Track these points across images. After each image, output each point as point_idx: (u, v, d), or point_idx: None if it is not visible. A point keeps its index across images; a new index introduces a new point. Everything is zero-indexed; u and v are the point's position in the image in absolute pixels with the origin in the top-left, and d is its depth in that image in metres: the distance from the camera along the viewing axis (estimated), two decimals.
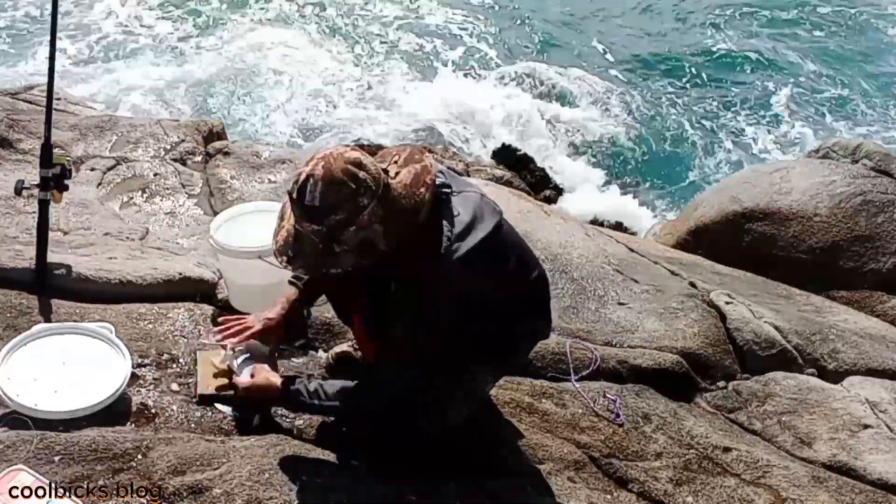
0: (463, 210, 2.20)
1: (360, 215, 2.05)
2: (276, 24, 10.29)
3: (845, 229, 4.60)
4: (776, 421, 3.18)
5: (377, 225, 2.07)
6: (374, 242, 2.07)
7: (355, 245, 2.07)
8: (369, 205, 2.05)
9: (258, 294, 2.93)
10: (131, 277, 3.02)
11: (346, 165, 2.04)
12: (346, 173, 2.04)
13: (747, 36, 10.97)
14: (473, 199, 2.25)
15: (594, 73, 9.92)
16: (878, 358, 3.62)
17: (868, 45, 11.00)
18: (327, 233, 2.06)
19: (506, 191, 4.93)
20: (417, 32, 10.42)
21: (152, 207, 3.86)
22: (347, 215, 2.04)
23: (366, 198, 2.05)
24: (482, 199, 2.28)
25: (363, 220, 2.05)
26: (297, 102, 8.89)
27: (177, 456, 2.25)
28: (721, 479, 2.77)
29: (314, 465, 2.34)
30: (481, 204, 2.25)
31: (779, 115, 9.55)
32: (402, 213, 2.09)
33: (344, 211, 2.04)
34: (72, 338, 2.59)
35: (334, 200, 2.03)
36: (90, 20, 9.87)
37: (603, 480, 2.65)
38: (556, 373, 3.05)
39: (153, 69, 9.11)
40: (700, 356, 3.33)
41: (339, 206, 2.03)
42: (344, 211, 2.04)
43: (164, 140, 4.39)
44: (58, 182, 2.86)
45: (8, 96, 4.75)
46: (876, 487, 2.96)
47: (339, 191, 2.03)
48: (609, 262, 3.85)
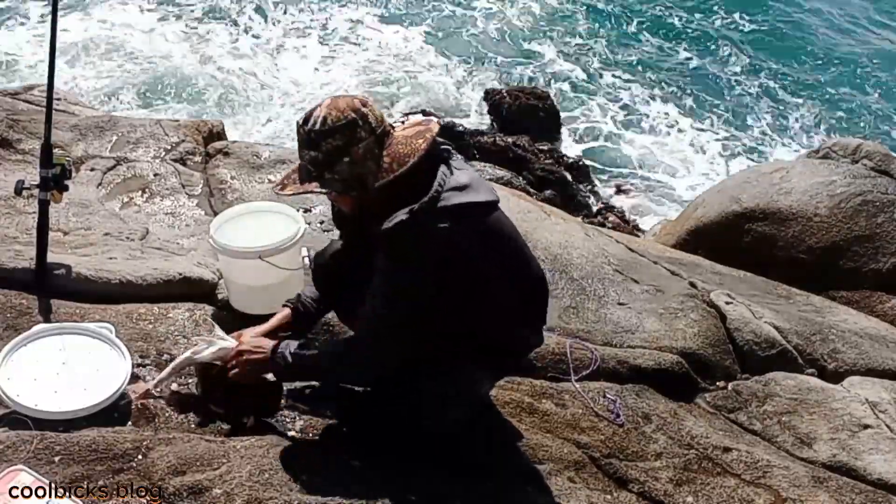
0: (461, 174, 2.23)
1: (355, 146, 2.13)
2: (276, 24, 10.30)
3: (845, 229, 4.60)
4: (776, 421, 3.18)
5: (370, 162, 2.14)
6: (365, 179, 2.15)
7: (346, 176, 2.15)
8: (366, 139, 2.13)
9: (258, 294, 2.94)
10: (131, 278, 3.02)
11: (352, 101, 2.17)
12: (351, 107, 2.15)
13: (748, 36, 10.98)
14: (474, 174, 2.28)
15: (594, 74, 9.93)
16: (878, 358, 3.62)
17: (868, 46, 11.01)
18: (322, 159, 2.15)
19: (506, 191, 4.93)
20: (417, 33, 10.43)
21: (152, 208, 3.86)
22: (344, 143, 2.12)
23: (364, 131, 2.13)
24: (483, 178, 2.32)
25: (358, 152, 2.13)
26: (297, 102, 8.90)
27: (177, 456, 2.25)
28: (721, 480, 2.77)
29: (314, 465, 2.34)
30: (482, 181, 2.29)
31: (779, 116, 9.56)
32: (396, 157, 2.15)
33: (341, 138, 2.12)
34: (72, 338, 2.59)
35: (333, 126, 2.12)
36: (90, 19, 9.88)
37: (603, 480, 2.65)
38: (556, 373, 3.05)
39: (154, 69, 9.12)
40: (700, 356, 3.33)
41: (337, 132, 2.12)
42: (341, 138, 2.12)
43: (164, 140, 4.38)
44: (58, 182, 2.85)
45: (8, 96, 4.75)
46: (876, 487, 2.95)
47: (339, 118, 2.12)
48: (609, 263, 3.85)
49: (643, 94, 9.67)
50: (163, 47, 9.57)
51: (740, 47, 10.69)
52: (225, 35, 9.97)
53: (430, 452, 2.46)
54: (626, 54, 10.35)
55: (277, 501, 2.17)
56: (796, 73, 10.29)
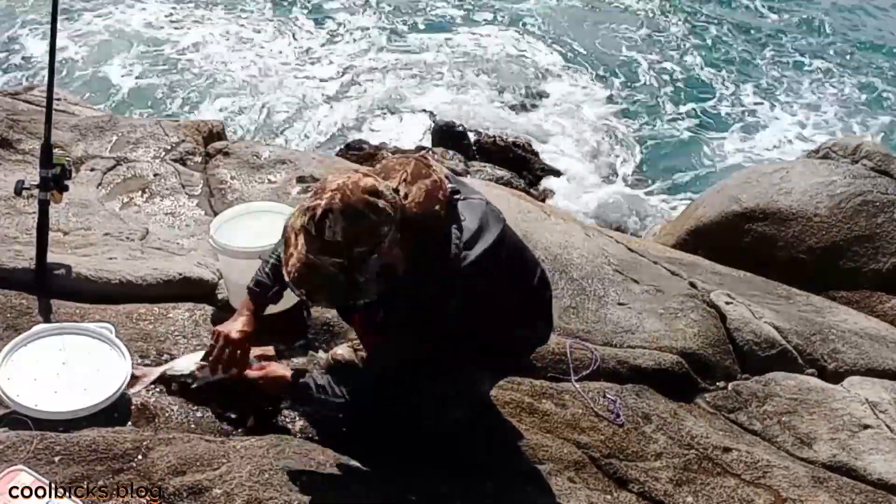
0: (469, 217, 2.20)
1: (381, 244, 2.03)
2: (275, 24, 10.30)
3: (845, 229, 4.60)
4: (776, 421, 3.18)
5: (397, 249, 2.06)
6: (395, 266, 2.08)
7: (376, 271, 2.05)
8: (389, 232, 2.04)
9: None
10: (131, 278, 3.02)
11: (363, 196, 2.02)
12: (366, 204, 2.01)
13: (747, 36, 10.97)
14: (479, 207, 2.25)
15: (593, 72, 9.93)
16: (878, 358, 3.62)
17: (869, 46, 11.01)
18: (349, 265, 2.02)
19: (506, 191, 4.94)
20: (418, 34, 10.43)
21: (152, 208, 3.86)
22: (369, 246, 2.02)
23: (385, 226, 2.03)
24: (487, 205, 2.28)
25: (384, 247, 2.04)
26: (297, 102, 8.90)
27: (177, 456, 2.25)
28: (721, 480, 2.77)
29: (314, 465, 2.34)
30: (486, 211, 2.26)
31: (779, 116, 9.56)
32: (419, 233, 2.10)
33: (366, 243, 2.01)
34: (72, 338, 2.59)
35: (356, 234, 2.00)
36: (89, 19, 9.88)
37: (603, 481, 2.65)
38: (556, 373, 3.05)
39: (153, 68, 9.13)
40: (700, 356, 3.33)
41: (361, 239, 2.01)
42: (366, 243, 2.01)
43: (164, 140, 4.38)
44: (58, 182, 2.85)
45: (8, 96, 4.75)
46: (876, 488, 2.96)
47: (360, 223, 2.00)
48: (609, 263, 3.85)
49: (643, 93, 9.67)
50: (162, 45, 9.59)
51: (740, 47, 10.69)
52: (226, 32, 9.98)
53: (430, 452, 2.46)
54: (623, 55, 10.35)
55: (277, 501, 2.17)
56: (796, 73, 10.28)
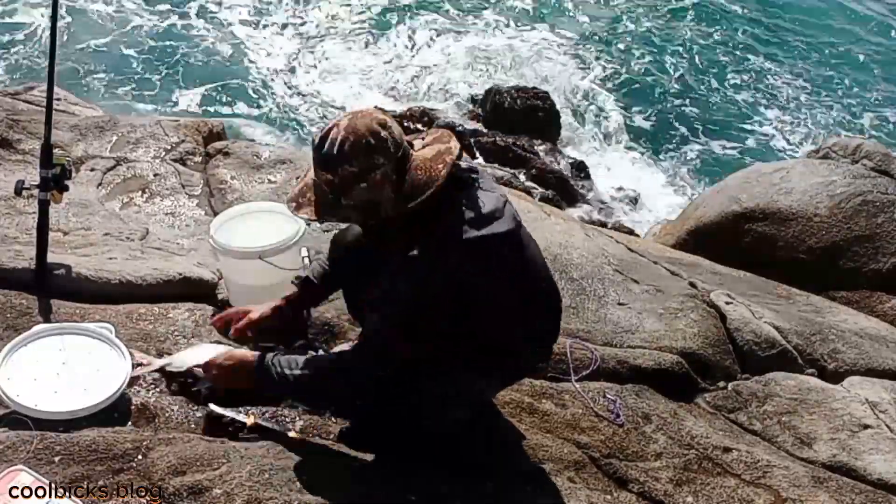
0: (486, 203, 2.19)
1: (372, 172, 2.07)
2: (275, 24, 10.31)
3: (845, 229, 4.60)
4: (776, 421, 3.18)
5: (388, 188, 2.09)
6: (380, 204, 2.10)
7: (361, 202, 2.10)
8: (383, 165, 2.07)
9: (258, 294, 2.93)
10: (131, 278, 3.02)
11: (371, 123, 2.08)
12: (369, 129, 2.07)
13: (747, 36, 10.98)
14: (499, 200, 2.24)
15: (592, 74, 9.93)
16: (878, 358, 3.62)
17: (869, 46, 11.01)
18: (338, 184, 2.09)
19: (506, 191, 4.92)
20: (423, 33, 10.44)
21: (152, 208, 3.86)
22: (360, 169, 2.07)
23: (382, 156, 2.07)
24: (508, 204, 2.28)
25: (375, 178, 2.08)
26: (297, 102, 8.90)
27: (177, 456, 2.25)
28: (721, 480, 2.77)
29: (314, 465, 2.34)
30: (506, 207, 2.25)
31: (779, 116, 9.57)
32: (415, 185, 2.10)
33: (358, 164, 2.06)
34: (72, 338, 2.59)
35: (350, 151, 2.06)
36: (88, 19, 9.88)
37: (603, 481, 2.65)
38: (556, 373, 3.05)
39: (152, 68, 9.13)
40: (700, 356, 3.33)
41: (354, 158, 2.06)
42: (358, 164, 2.06)
43: (164, 140, 4.38)
44: (58, 182, 2.85)
45: (8, 96, 4.75)
46: (876, 488, 2.96)
47: (357, 143, 2.06)
48: (609, 263, 3.85)
49: (642, 93, 9.67)
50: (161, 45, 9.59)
51: (740, 48, 10.69)
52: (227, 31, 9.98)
53: (430, 452, 2.46)
54: (623, 54, 10.35)
55: (277, 501, 2.17)
56: (797, 73, 10.29)
